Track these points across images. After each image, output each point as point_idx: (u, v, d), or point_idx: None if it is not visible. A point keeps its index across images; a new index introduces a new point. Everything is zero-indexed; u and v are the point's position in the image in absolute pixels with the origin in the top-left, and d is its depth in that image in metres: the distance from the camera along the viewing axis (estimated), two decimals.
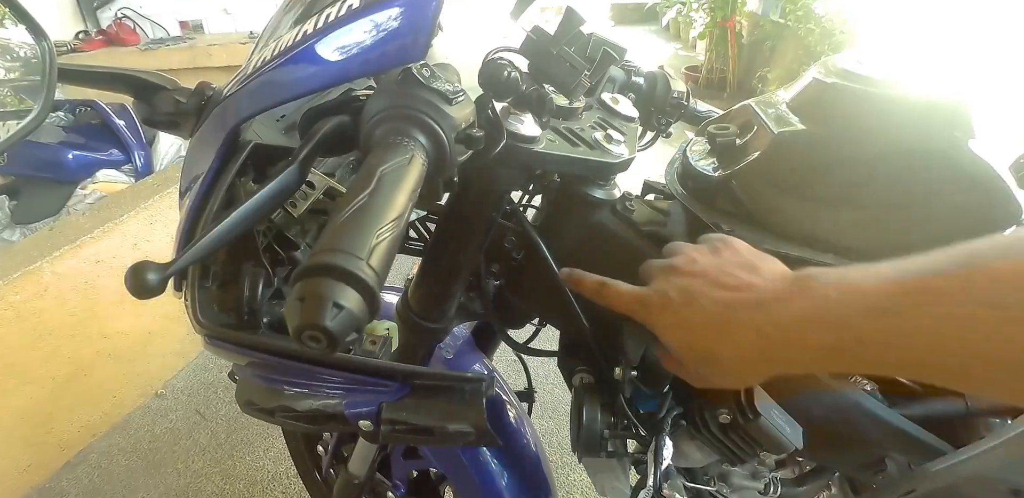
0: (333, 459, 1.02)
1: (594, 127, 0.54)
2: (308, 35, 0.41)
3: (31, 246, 1.50)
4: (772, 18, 3.83)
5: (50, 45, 0.56)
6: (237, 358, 0.54)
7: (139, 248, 1.65)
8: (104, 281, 1.55)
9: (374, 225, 0.30)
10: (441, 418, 0.46)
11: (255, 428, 1.65)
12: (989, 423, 0.59)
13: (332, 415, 0.50)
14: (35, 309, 1.42)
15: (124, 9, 3.41)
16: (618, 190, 0.56)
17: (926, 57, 0.55)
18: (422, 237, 0.69)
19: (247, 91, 0.46)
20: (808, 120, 0.51)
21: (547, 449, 1.53)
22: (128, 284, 0.33)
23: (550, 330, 0.68)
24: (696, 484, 0.64)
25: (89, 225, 1.57)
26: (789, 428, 0.51)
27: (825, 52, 3.20)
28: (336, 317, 0.26)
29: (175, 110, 0.54)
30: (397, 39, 0.38)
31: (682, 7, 4.36)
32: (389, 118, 0.38)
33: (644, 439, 0.59)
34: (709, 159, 0.57)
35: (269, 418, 0.53)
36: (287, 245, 0.56)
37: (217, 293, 0.50)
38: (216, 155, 0.47)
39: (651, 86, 0.69)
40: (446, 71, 0.45)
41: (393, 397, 0.47)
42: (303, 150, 0.41)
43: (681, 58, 5.13)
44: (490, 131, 0.43)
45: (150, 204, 1.69)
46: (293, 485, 1.48)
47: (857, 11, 3.14)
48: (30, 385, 1.44)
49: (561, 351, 0.68)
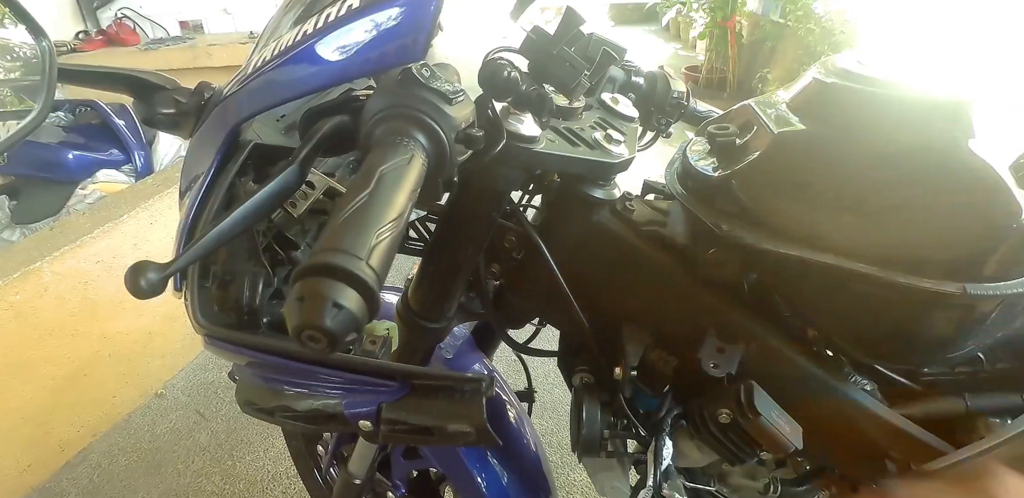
0: (333, 459, 1.02)
1: (594, 127, 0.54)
2: (308, 35, 0.41)
3: (31, 246, 1.50)
4: (772, 18, 3.83)
5: (50, 45, 0.56)
6: (237, 358, 0.54)
7: (139, 248, 1.65)
8: (104, 281, 1.55)
9: (374, 225, 0.30)
10: (441, 418, 0.46)
11: (255, 428, 1.65)
12: (989, 423, 0.59)
13: (332, 415, 0.50)
14: (35, 309, 1.42)
15: (124, 9, 3.41)
16: (618, 190, 0.56)
17: (927, 57, 0.55)
18: (422, 237, 0.69)
19: (247, 91, 0.46)
20: (808, 120, 0.51)
21: (547, 449, 1.53)
22: (128, 284, 0.33)
23: (550, 330, 0.68)
24: (696, 484, 0.64)
25: (89, 225, 1.57)
26: (789, 428, 0.51)
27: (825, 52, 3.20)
28: (336, 317, 0.26)
29: (175, 110, 0.54)
30: (397, 39, 0.38)
31: (682, 7, 4.36)
32: (389, 118, 0.38)
33: (644, 439, 0.59)
34: (709, 159, 0.57)
35: (269, 418, 0.53)
36: (287, 245, 0.56)
37: (217, 293, 0.50)
38: (216, 155, 0.47)
39: (651, 86, 0.69)
40: (446, 71, 0.45)
41: (393, 397, 0.47)
42: (303, 150, 0.41)
43: (681, 58, 5.13)
44: (490, 131, 0.43)
45: (150, 204, 1.69)
46: (293, 485, 1.48)
47: (857, 11, 3.14)
48: (30, 385, 1.44)
49: (561, 351, 0.68)
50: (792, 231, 0.50)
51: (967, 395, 0.59)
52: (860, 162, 0.48)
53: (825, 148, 0.50)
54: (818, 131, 0.50)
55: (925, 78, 0.50)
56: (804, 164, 0.51)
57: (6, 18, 0.58)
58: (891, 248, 0.48)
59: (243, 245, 0.51)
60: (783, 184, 0.51)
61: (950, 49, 0.57)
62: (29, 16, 0.56)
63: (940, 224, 0.48)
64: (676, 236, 0.56)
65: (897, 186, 0.48)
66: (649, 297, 0.58)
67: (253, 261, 0.51)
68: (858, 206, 0.49)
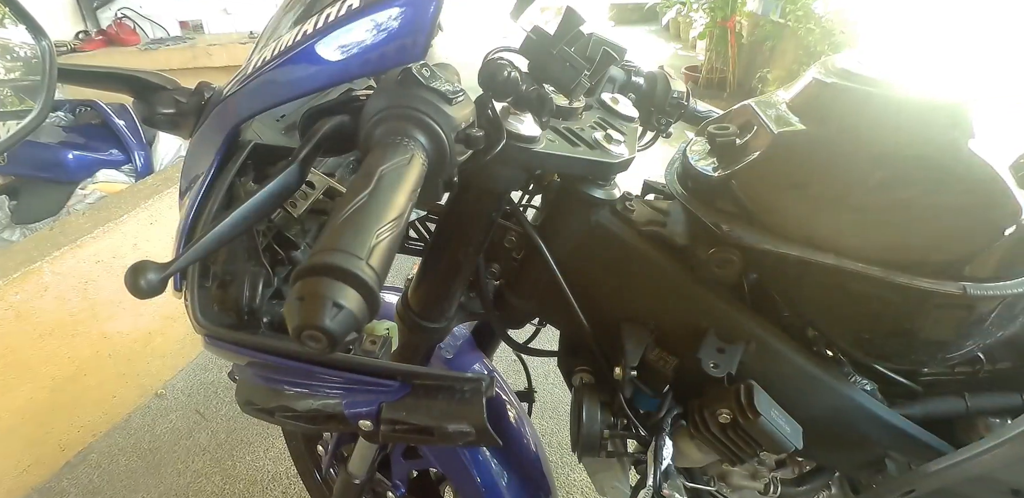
0: (333, 459, 1.02)
1: (594, 127, 0.54)
2: (308, 35, 0.41)
3: (31, 246, 1.49)
4: (772, 18, 3.83)
5: (50, 45, 0.56)
6: (237, 358, 0.54)
7: (139, 248, 1.65)
8: (104, 281, 1.55)
9: (374, 225, 0.30)
10: (441, 418, 0.46)
11: (255, 428, 1.65)
12: (989, 423, 0.59)
13: (332, 415, 0.50)
14: (35, 309, 1.42)
15: (124, 9, 3.40)
16: (618, 190, 0.56)
17: (927, 57, 0.55)
18: (422, 237, 0.69)
19: (247, 91, 0.46)
20: (808, 120, 0.51)
21: (547, 449, 1.53)
22: (128, 284, 0.33)
23: (550, 330, 0.68)
24: (696, 484, 0.64)
25: (89, 225, 1.57)
26: (789, 428, 0.51)
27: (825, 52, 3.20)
28: (336, 317, 0.26)
29: (175, 110, 0.54)
30: (397, 39, 0.38)
31: (682, 7, 4.36)
32: (389, 118, 0.38)
33: (644, 439, 0.59)
34: (709, 159, 0.57)
35: (269, 418, 0.53)
36: (287, 245, 0.56)
37: (217, 293, 0.50)
38: (216, 155, 0.47)
39: (651, 86, 0.69)
40: (446, 71, 0.45)
41: (393, 397, 0.47)
42: (303, 150, 0.41)
43: (681, 58, 5.13)
44: (490, 131, 0.43)
45: (150, 204, 1.69)
46: (293, 485, 1.48)
47: (857, 11, 3.14)
48: (30, 385, 1.44)
49: (561, 351, 0.68)
50: (792, 231, 0.50)
51: (967, 395, 0.59)
52: (860, 162, 0.48)
53: (825, 148, 0.50)
54: (818, 131, 0.50)
55: (925, 78, 0.50)
56: (804, 164, 0.51)
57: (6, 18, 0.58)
58: (891, 248, 0.48)
59: (243, 245, 0.51)
60: (783, 184, 0.51)
61: (950, 49, 0.57)
62: (29, 16, 0.56)
63: (940, 224, 0.48)
64: (676, 236, 0.56)
65: (897, 186, 0.48)
66: (649, 297, 0.58)
67: (253, 261, 0.51)
68: (858, 206, 0.49)
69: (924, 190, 0.48)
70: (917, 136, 0.47)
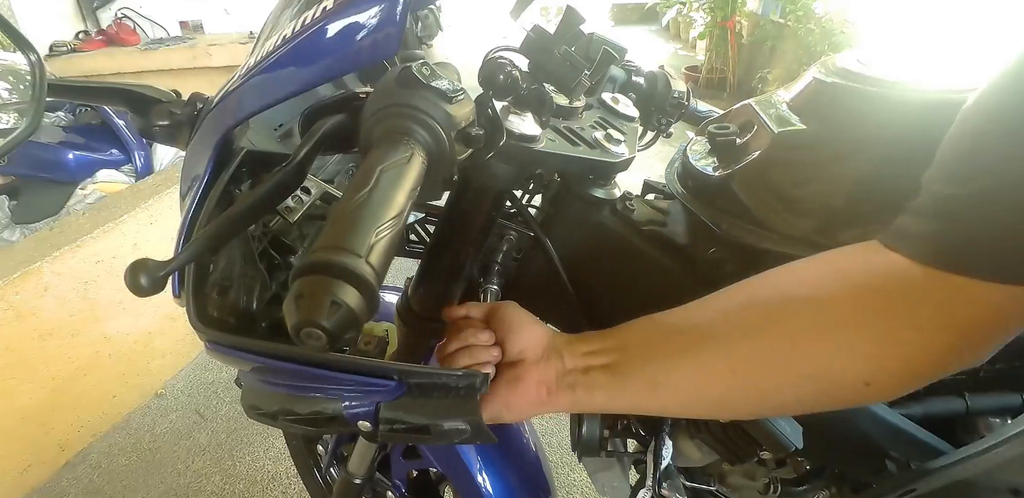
0: (333, 459, 1.02)
1: (594, 126, 0.54)
2: (287, 39, 0.42)
3: (31, 246, 1.50)
4: (772, 18, 3.83)
5: (39, 58, 0.55)
6: (239, 363, 0.54)
7: (139, 248, 1.65)
8: (104, 281, 1.55)
9: (374, 223, 0.30)
10: (436, 416, 0.46)
11: (255, 428, 1.65)
12: (989, 423, 0.59)
13: (333, 417, 0.50)
14: (35, 309, 1.42)
15: (124, 9, 3.40)
16: (618, 190, 0.56)
17: (927, 56, 0.55)
18: (422, 239, 0.69)
19: (236, 96, 0.47)
20: (808, 120, 0.51)
21: (547, 449, 1.53)
22: (128, 281, 0.33)
23: None
24: (696, 484, 0.64)
25: (89, 225, 1.57)
26: (789, 428, 0.51)
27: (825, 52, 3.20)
28: (335, 314, 0.26)
29: (170, 121, 0.55)
30: (370, 35, 0.39)
31: (682, 7, 4.36)
32: (389, 116, 0.38)
33: (644, 439, 0.59)
34: (709, 159, 0.57)
35: (273, 422, 0.53)
36: (284, 250, 0.56)
37: (215, 298, 0.50)
38: (208, 162, 0.48)
39: (651, 86, 0.69)
40: (446, 70, 0.45)
41: (390, 396, 0.47)
42: (303, 148, 0.41)
43: (681, 58, 5.13)
44: (490, 130, 0.43)
45: (150, 204, 1.69)
46: (293, 485, 1.48)
47: (857, 11, 3.14)
48: (30, 385, 1.44)
49: None
50: (792, 231, 0.50)
51: (967, 395, 0.59)
52: (860, 162, 0.48)
53: (825, 148, 0.50)
54: (818, 131, 0.50)
55: (925, 78, 0.50)
56: (804, 164, 0.51)
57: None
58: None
59: (240, 251, 0.51)
60: (783, 184, 0.51)
61: (950, 48, 0.57)
62: (14, 29, 0.55)
63: None
64: (676, 236, 0.56)
65: (897, 186, 0.48)
66: (649, 296, 0.58)
67: (250, 266, 0.51)
68: (858, 206, 0.49)
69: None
70: (917, 135, 0.47)
